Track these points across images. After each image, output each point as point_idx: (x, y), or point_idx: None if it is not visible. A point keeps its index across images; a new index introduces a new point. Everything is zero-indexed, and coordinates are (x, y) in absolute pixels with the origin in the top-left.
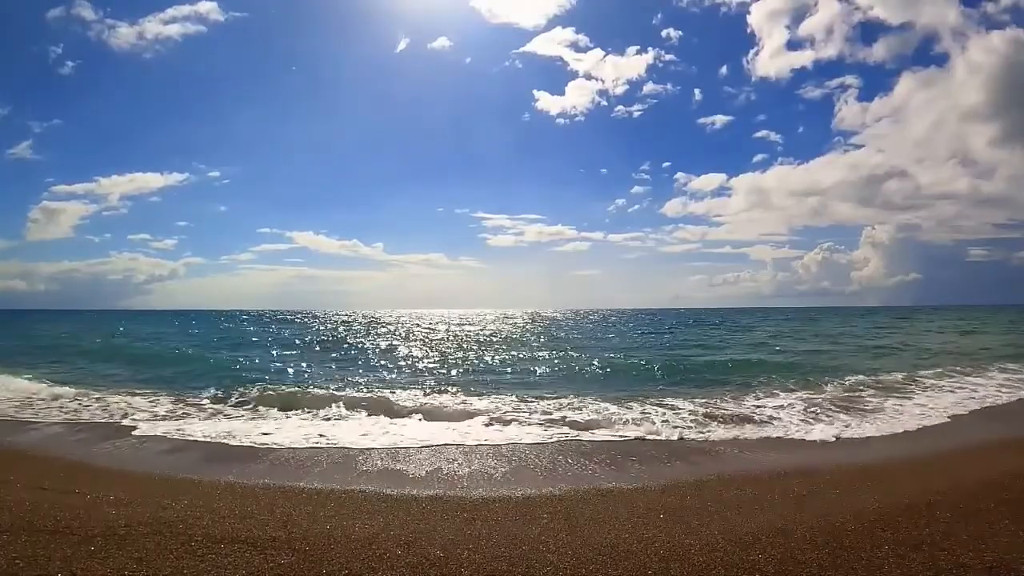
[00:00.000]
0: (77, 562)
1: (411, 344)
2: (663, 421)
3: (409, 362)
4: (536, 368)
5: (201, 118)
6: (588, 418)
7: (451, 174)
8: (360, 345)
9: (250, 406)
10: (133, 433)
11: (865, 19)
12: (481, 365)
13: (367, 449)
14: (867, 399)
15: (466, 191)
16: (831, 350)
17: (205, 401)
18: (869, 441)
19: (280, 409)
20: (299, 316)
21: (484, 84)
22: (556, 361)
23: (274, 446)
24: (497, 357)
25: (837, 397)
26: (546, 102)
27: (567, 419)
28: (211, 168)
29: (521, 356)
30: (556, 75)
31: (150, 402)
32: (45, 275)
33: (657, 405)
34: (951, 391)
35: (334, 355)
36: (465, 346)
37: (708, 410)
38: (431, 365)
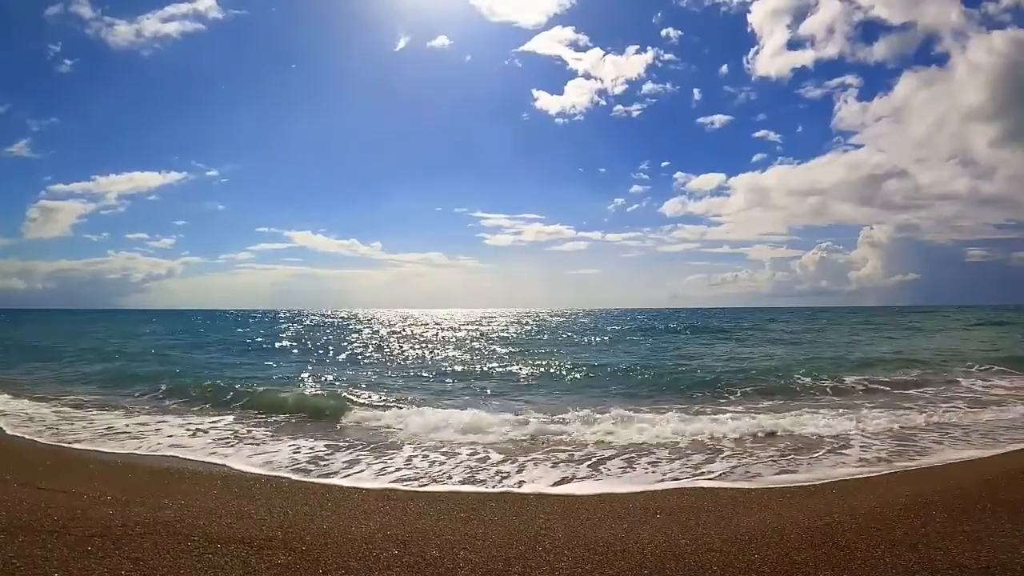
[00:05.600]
0: (74, 562)
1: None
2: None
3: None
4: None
5: (199, 117)
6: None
7: (450, 173)
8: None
9: None
10: None
11: (866, 18)
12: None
13: None
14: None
15: (465, 190)
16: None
17: None
18: None
19: None
20: (282, 315)
21: (483, 83)
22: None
23: None
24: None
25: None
26: (545, 101)
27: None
28: (209, 167)
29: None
30: (555, 74)
31: None
32: (43, 274)
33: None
34: None
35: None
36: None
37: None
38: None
